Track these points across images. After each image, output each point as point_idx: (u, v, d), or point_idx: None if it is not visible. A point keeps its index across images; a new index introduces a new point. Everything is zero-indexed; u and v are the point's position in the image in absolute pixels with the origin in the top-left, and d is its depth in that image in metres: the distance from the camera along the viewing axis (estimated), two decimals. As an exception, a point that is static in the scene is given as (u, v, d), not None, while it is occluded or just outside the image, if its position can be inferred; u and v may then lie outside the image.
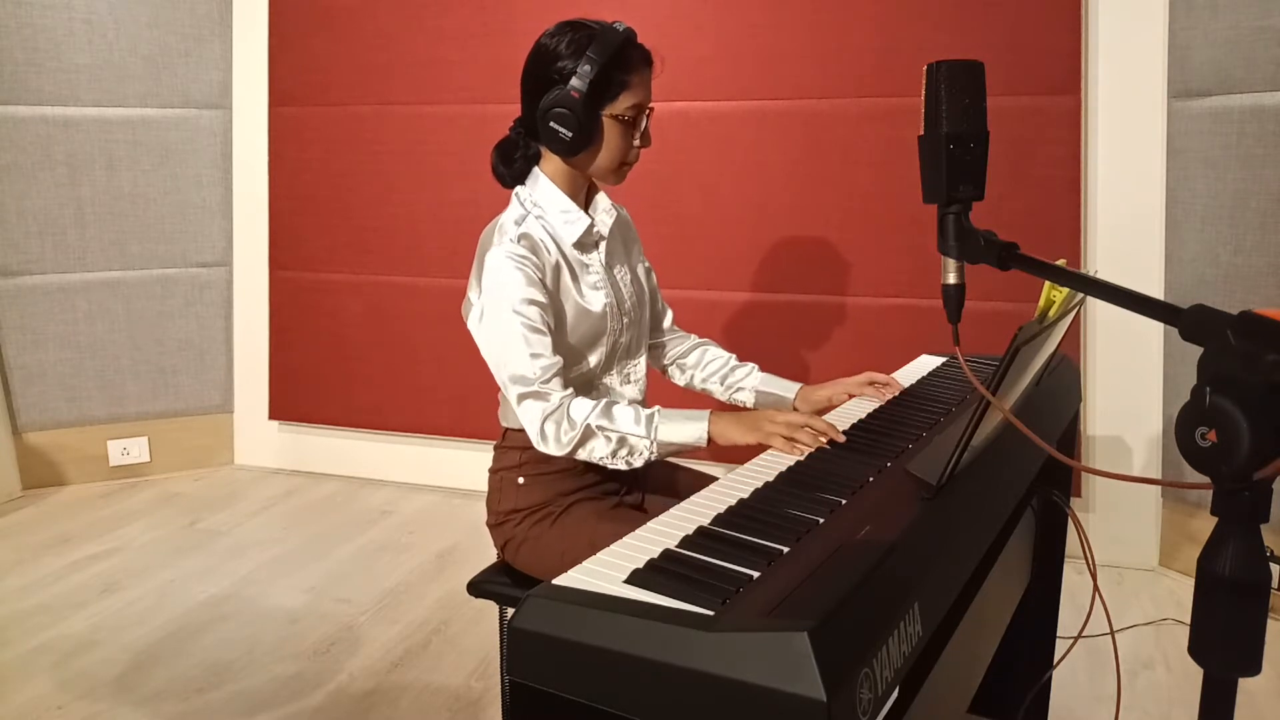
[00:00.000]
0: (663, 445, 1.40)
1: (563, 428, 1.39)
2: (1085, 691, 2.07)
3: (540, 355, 1.41)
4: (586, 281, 1.54)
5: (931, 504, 1.00)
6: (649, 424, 1.40)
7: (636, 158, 1.52)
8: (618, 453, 1.41)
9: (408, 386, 3.34)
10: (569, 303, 1.50)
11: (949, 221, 0.96)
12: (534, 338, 1.41)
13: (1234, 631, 0.72)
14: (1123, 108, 2.61)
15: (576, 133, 1.42)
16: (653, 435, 1.40)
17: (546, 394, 1.40)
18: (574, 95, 1.40)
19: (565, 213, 1.52)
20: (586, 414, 1.39)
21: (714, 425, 1.40)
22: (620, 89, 1.43)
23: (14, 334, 3.27)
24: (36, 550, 2.84)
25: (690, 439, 1.41)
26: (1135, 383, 2.68)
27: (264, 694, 2.08)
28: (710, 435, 1.40)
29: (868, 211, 2.81)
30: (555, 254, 1.49)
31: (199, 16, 3.36)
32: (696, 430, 1.40)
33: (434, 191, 3.21)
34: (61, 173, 3.24)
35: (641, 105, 1.47)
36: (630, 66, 1.44)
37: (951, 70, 0.94)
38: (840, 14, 2.77)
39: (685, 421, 1.41)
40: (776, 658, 0.68)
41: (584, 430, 1.39)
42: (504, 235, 1.45)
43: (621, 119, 1.45)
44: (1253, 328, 0.68)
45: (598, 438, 1.39)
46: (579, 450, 1.41)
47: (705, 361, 1.78)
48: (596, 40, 1.41)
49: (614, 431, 1.39)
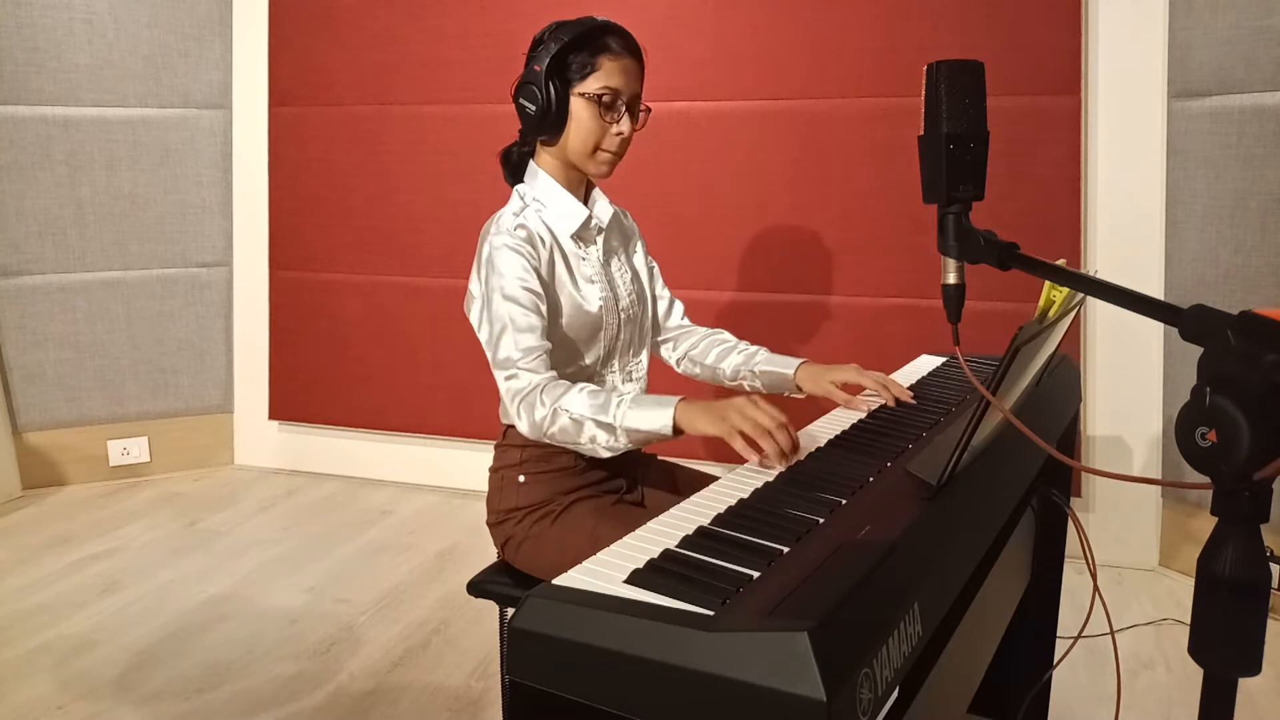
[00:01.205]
0: (629, 431, 1.34)
1: (535, 409, 1.38)
2: (1085, 691, 2.07)
3: (526, 337, 1.41)
4: (582, 275, 1.55)
5: (931, 504, 1.00)
6: (616, 409, 1.35)
7: (617, 148, 1.52)
8: (588, 436, 1.36)
9: (408, 386, 3.34)
10: (564, 295, 1.52)
11: (949, 221, 0.96)
12: (522, 320, 1.42)
13: (1234, 631, 0.72)
14: (1123, 108, 2.61)
15: (541, 107, 1.46)
16: (618, 421, 1.34)
17: (522, 375, 1.40)
18: (536, 69, 1.45)
19: (563, 204, 1.54)
20: (557, 397, 1.38)
21: (681, 413, 1.32)
22: (590, 69, 1.46)
23: (14, 334, 3.27)
24: (36, 550, 2.84)
25: (655, 426, 1.33)
26: (1135, 383, 2.68)
27: (264, 694, 2.08)
28: (676, 423, 1.32)
29: (868, 211, 2.81)
30: (551, 245, 1.51)
31: (199, 16, 3.36)
32: (662, 417, 1.32)
33: (434, 191, 3.21)
34: (61, 173, 3.24)
35: (616, 90, 1.48)
36: (603, 50, 1.47)
37: (951, 70, 0.94)
38: (840, 14, 2.77)
39: (652, 408, 1.34)
40: (776, 658, 0.68)
41: (553, 412, 1.37)
42: (501, 226, 1.48)
43: (589, 98, 1.47)
44: (1253, 328, 0.68)
45: (564, 418, 1.36)
46: (550, 430, 1.38)
47: (712, 353, 1.75)
48: (570, 23, 1.48)
49: (581, 415, 1.35)
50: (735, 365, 1.71)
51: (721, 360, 1.73)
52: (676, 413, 1.32)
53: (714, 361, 1.74)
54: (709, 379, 1.77)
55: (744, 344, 1.75)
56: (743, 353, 1.72)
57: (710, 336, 1.78)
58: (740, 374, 1.71)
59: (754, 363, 1.69)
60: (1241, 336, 0.68)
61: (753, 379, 1.70)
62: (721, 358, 1.73)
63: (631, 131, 1.52)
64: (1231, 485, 0.69)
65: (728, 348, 1.74)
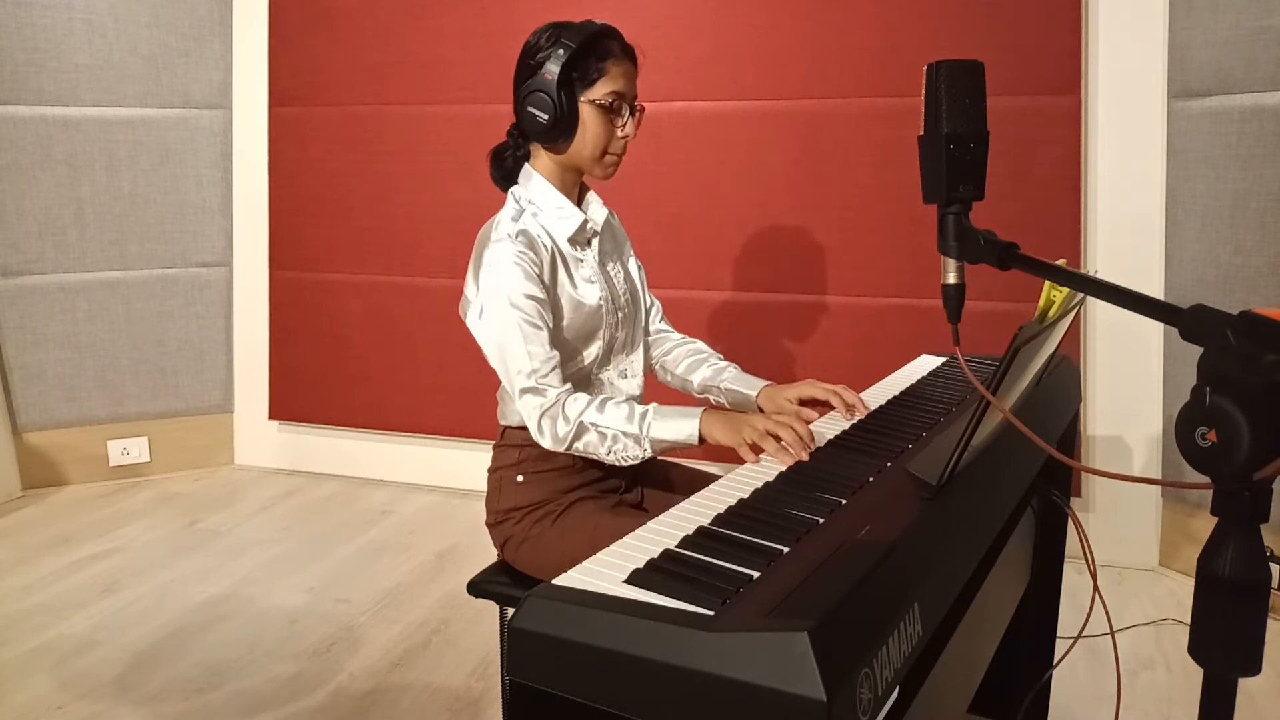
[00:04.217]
0: (655, 442, 1.41)
1: (559, 423, 1.41)
2: (1085, 691, 2.07)
3: (538, 351, 1.43)
4: (581, 275, 1.55)
5: (931, 504, 1.00)
6: (642, 421, 1.41)
7: (621, 149, 1.53)
8: (612, 449, 1.42)
9: (408, 386, 3.34)
10: (565, 297, 1.52)
11: (949, 221, 0.96)
12: (532, 333, 1.43)
13: (1234, 631, 0.72)
14: (1123, 108, 2.61)
15: (553, 116, 1.46)
16: (645, 432, 1.41)
17: (544, 389, 1.42)
18: (547, 78, 1.45)
19: (559, 209, 1.54)
20: (581, 410, 1.41)
21: (704, 424, 1.40)
22: (598, 75, 1.47)
23: (14, 334, 3.27)
24: (36, 550, 2.84)
25: (682, 436, 1.41)
26: (1135, 383, 2.68)
27: (264, 694, 2.08)
28: (701, 434, 1.40)
29: (868, 211, 2.81)
30: (550, 249, 1.51)
31: (199, 16, 3.36)
32: (688, 428, 1.41)
33: (434, 191, 3.21)
34: (61, 173, 3.24)
35: (622, 94, 1.49)
36: (607, 54, 1.47)
37: (951, 70, 0.94)
38: (840, 14, 2.77)
39: (678, 419, 1.42)
40: (776, 658, 0.68)
41: (578, 426, 1.41)
42: (501, 232, 1.48)
43: (600, 105, 1.47)
44: (1253, 328, 0.68)
45: (591, 433, 1.41)
46: (575, 445, 1.43)
47: (683, 362, 1.75)
48: (572, 29, 1.47)
49: (607, 428, 1.41)
50: (704, 379, 1.71)
51: (692, 372, 1.73)
52: (701, 423, 1.40)
53: (684, 372, 1.74)
54: (679, 388, 1.77)
55: (715, 357, 1.74)
56: (712, 367, 1.71)
57: (684, 345, 1.78)
58: (708, 389, 1.71)
59: (721, 379, 1.69)
60: (1241, 336, 0.68)
61: (719, 394, 1.70)
62: (692, 369, 1.73)
63: (634, 133, 1.53)
64: (1231, 485, 0.69)
65: (699, 359, 1.74)
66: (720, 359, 1.74)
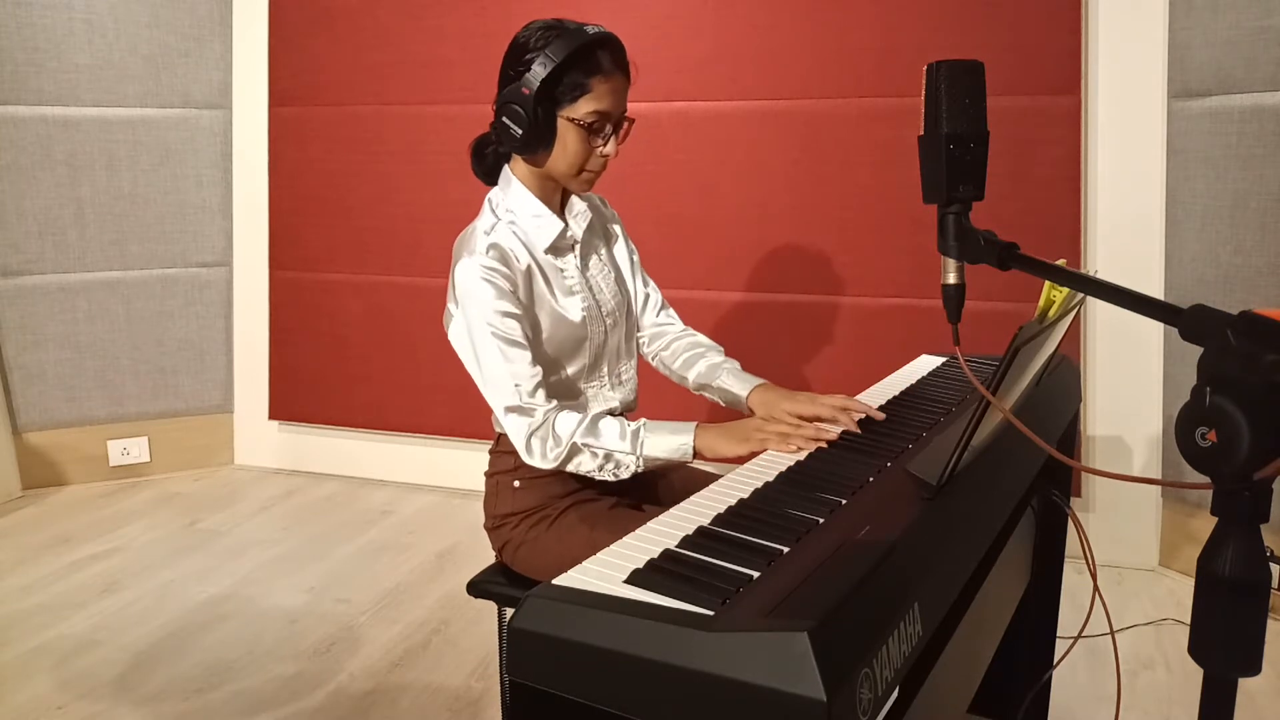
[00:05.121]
0: (648, 460, 1.39)
1: (548, 444, 1.39)
2: (1085, 691, 2.07)
3: (520, 370, 1.39)
4: (562, 287, 1.51)
5: (931, 504, 1.00)
6: (634, 439, 1.39)
7: (600, 167, 1.47)
8: (604, 467, 1.40)
9: (408, 386, 3.34)
10: (544, 311, 1.48)
11: (949, 221, 0.96)
12: (512, 351, 1.40)
13: (1234, 631, 0.72)
14: (1123, 108, 2.61)
15: (527, 131, 1.39)
16: (638, 451, 1.38)
17: (530, 409, 1.39)
18: (525, 92, 1.38)
19: (537, 217, 1.49)
20: (572, 430, 1.38)
21: (700, 439, 1.38)
22: (581, 92, 1.39)
23: (14, 334, 3.27)
24: (36, 550, 2.84)
25: (675, 453, 1.39)
26: (1135, 383, 2.68)
27: (264, 694, 2.08)
28: (696, 449, 1.38)
29: (868, 211, 2.81)
30: (527, 260, 1.46)
31: (199, 16, 3.36)
32: (681, 444, 1.38)
33: (434, 191, 3.21)
34: (61, 173, 3.24)
35: (606, 114, 1.41)
36: (594, 70, 1.39)
37: (951, 70, 0.94)
38: (840, 14, 2.77)
39: (671, 435, 1.39)
40: (776, 658, 0.68)
41: (570, 447, 1.38)
42: (473, 247, 1.43)
43: (580, 124, 1.40)
44: (1253, 328, 0.68)
45: (584, 453, 1.39)
46: (566, 465, 1.40)
47: (680, 358, 1.70)
48: (561, 38, 1.38)
49: (600, 448, 1.38)
50: (700, 375, 1.65)
51: (688, 368, 1.67)
52: (696, 440, 1.38)
53: (681, 368, 1.69)
54: (677, 382, 1.73)
55: (714, 352, 1.68)
56: (709, 364, 1.65)
57: (681, 338, 1.72)
58: (703, 386, 1.66)
59: (716, 376, 1.63)
60: (1241, 336, 0.68)
61: (713, 393, 1.65)
62: (689, 365, 1.67)
63: (616, 151, 1.47)
64: (1231, 485, 0.69)
65: (696, 354, 1.68)
66: (719, 353, 1.68)
